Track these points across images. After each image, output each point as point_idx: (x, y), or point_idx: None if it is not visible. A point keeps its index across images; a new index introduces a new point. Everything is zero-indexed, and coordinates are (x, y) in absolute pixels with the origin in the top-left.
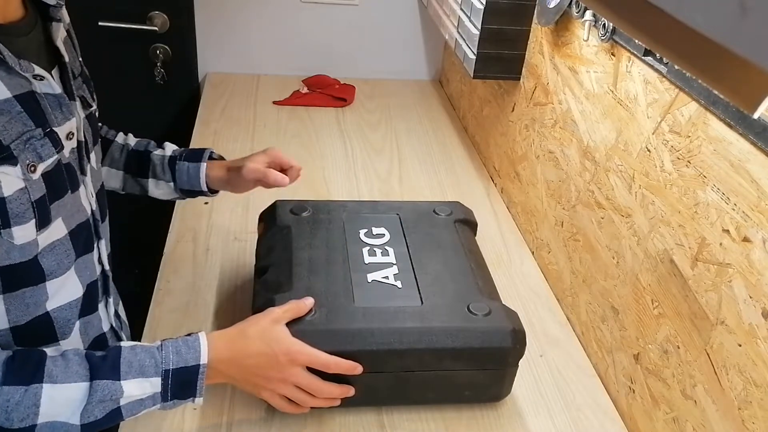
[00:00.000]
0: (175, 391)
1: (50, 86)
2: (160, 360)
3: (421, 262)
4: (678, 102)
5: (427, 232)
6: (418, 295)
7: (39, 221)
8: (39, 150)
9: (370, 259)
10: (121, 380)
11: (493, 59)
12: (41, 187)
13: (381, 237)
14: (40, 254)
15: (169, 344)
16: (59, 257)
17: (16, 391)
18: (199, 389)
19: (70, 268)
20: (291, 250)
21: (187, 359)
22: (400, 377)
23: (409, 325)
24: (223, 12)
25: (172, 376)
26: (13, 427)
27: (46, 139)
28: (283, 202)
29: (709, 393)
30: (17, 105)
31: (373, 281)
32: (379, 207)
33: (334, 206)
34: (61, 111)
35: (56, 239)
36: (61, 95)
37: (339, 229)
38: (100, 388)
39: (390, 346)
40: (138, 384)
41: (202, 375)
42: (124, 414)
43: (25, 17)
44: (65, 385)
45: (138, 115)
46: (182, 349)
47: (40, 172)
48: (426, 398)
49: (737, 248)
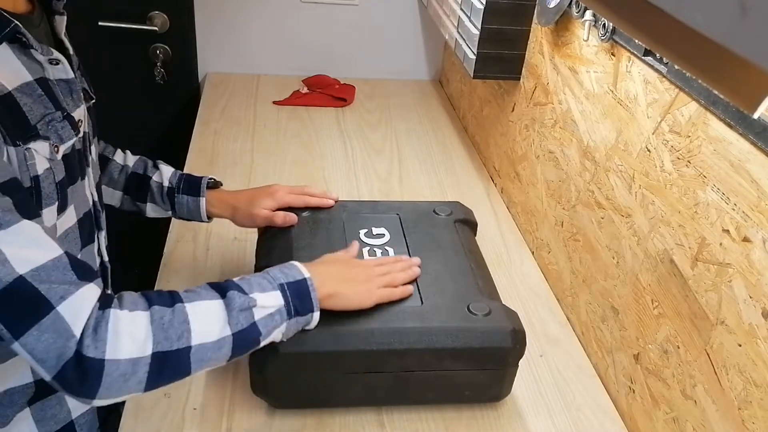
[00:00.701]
0: (296, 304)
1: (64, 71)
2: (272, 278)
3: (421, 262)
4: (678, 102)
5: (427, 232)
6: (418, 295)
7: (60, 205)
8: (60, 132)
9: (366, 257)
10: (249, 294)
11: (493, 59)
12: (62, 169)
13: (381, 237)
14: (57, 242)
15: (271, 270)
16: (71, 246)
17: (164, 311)
18: (315, 302)
19: None
20: (291, 250)
21: (294, 274)
22: (400, 377)
23: (409, 325)
24: (223, 12)
25: (289, 289)
26: (173, 348)
27: (65, 121)
28: None
29: (709, 393)
30: (38, 88)
31: None
32: (379, 207)
33: (334, 206)
34: (72, 97)
35: (68, 227)
36: (72, 80)
37: (339, 229)
38: (235, 298)
39: (390, 346)
40: (265, 296)
41: (312, 286)
42: (260, 328)
43: (33, 10)
44: (204, 302)
45: (138, 115)
46: (285, 269)
47: (62, 154)
48: (426, 398)
49: (737, 248)
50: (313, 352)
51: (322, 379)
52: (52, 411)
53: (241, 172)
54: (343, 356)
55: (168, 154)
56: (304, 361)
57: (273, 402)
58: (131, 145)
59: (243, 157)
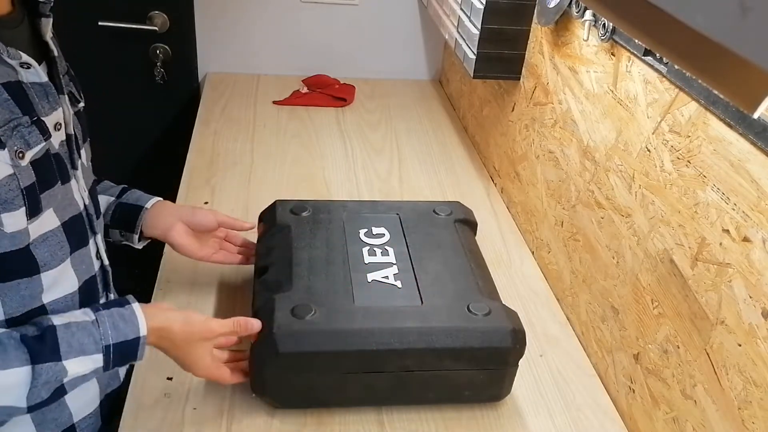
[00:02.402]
0: (116, 362)
1: (37, 75)
2: (99, 337)
3: (421, 262)
4: (678, 102)
5: (427, 232)
6: (418, 295)
7: (29, 209)
8: (27, 137)
9: (370, 258)
10: (63, 360)
11: (493, 59)
12: (30, 175)
13: (381, 237)
14: (33, 245)
15: (105, 318)
16: (53, 249)
17: None
18: (140, 355)
19: (65, 261)
20: (291, 250)
21: (127, 333)
22: (400, 377)
23: (410, 325)
24: (223, 12)
25: (114, 351)
26: None
27: (33, 127)
28: (283, 202)
29: (709, 393)
30: (4, 92)
31: (373, 281)
32: (379, 207)
33: (334, 206)
34: (48, 101)
35: (48, 230)
36: (47, 84)
37: (339, 229)
38: (44, 371)
39: (390, 346)
40: (80, 362)
41: (143, 345)
42: (67, 389)
43: (12, 12)
44: (7, 371)
45: (138, 115)
46: (119, 324)
47: (28, 159)
48: (426, 398)
49: (737, 248)
50: (313, 352)
51: (322, 379)
52: (53, 414)
53: (241, 172)
54: (343, 356)
55: (168, 154)
56: (304, 361)
57: (273, 402)
58: (131, 144)
59: (243, 157)
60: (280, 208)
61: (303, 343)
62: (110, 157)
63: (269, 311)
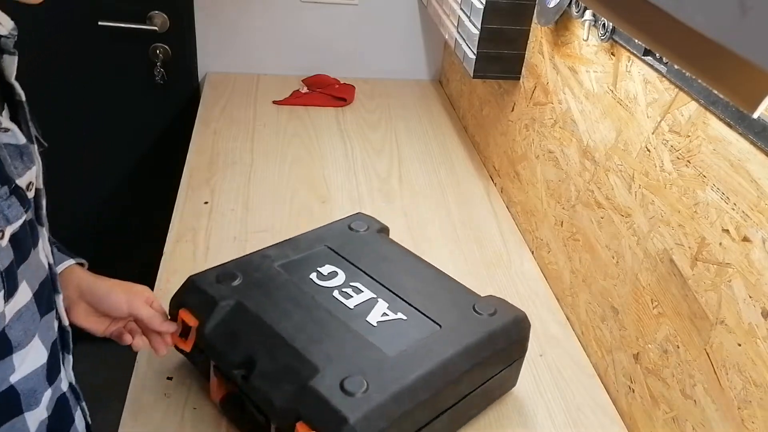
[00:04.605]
0: None
1: (15, 137)
2: None
3: (395, 284)
4: (678, 102)
5: (366, 252)
6: (428, 319)
7: (7, 292)
8: (6, 212)
9: (349, 302)
10: None
11: (493, 59)
12: (9, 254)
13: (335, 275)
14: (8, 326)
15: None
16: (26, 325)
17: None
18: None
19: (35, 335)
20: (267, 327)
21: None
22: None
23: (451, 351)
24: (223, 12)
25: None
26: None
27: (12, 197)
28: (198, 276)
29: (708, 392)
30: None
31: (378, 323)
32: (301, 245)
33: (256, 261)
34: (22, 160)
35: (23, 305)
36: (24, 145)
37: (288, 283)
38: None
39: (446, 378)
40: None
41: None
42: None
43: None
44: None
45: (138, 114)
46: None
47: (8, 237)
48: (470, 415)
49: (737, 248)
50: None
51: None
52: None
53: (241, 171)
54: (415, 412)
55: (168, 154)
56: None
57: None
58: (131, 144)
59: (243, 157)
60: (202, 284)
61: (380, 419)
62: (110, 157)
63: (315, 403)
